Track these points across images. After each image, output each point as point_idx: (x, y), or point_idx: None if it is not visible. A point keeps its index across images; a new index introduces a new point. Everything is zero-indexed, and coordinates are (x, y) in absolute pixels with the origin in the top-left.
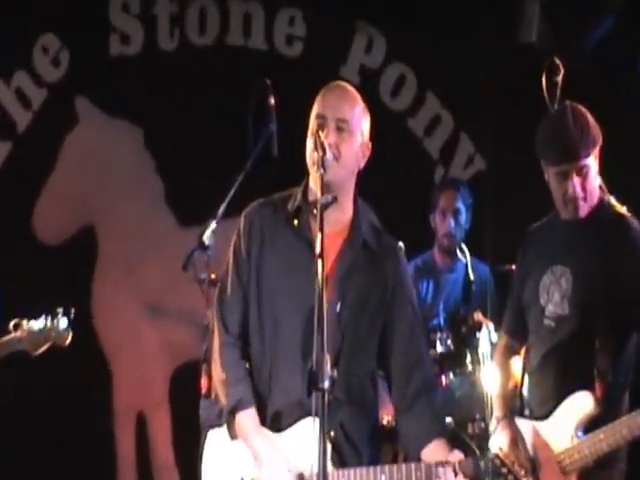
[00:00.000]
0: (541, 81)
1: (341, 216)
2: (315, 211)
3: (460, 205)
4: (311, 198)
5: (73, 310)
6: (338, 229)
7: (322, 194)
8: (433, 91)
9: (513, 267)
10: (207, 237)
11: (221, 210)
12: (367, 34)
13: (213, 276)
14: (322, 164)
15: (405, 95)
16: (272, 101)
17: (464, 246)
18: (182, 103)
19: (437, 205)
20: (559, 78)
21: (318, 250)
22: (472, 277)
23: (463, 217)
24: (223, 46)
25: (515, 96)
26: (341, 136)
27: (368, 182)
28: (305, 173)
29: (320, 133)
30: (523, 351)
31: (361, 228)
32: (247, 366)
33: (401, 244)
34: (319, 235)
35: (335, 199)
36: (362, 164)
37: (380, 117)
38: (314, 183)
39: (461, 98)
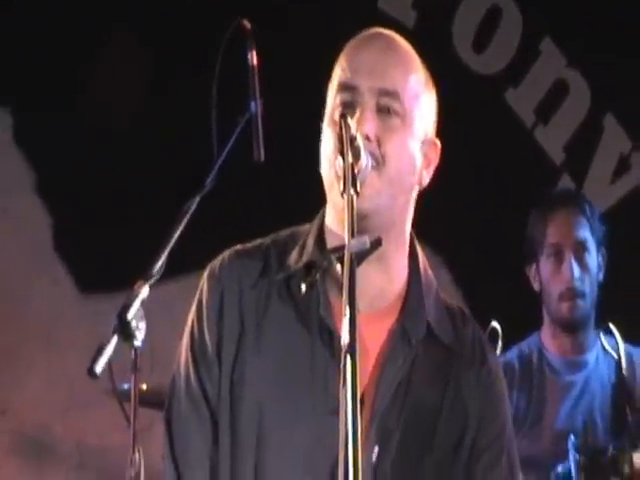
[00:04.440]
0: None
1: (387, 282)
2: (339, 268)
3: (587, 235)
4: (331, 243)
5: None
6: (380, 308)
7: (352, 235)
8: (554, 37)
9: None
10: (134, 314)
11: (159, 264)
12: None
13: (144, 387)
14: (353, 179)
15: (502, 46)
16: (254, 60)
17: (612, 325)
18: (75, 72)
19: (543, 242)
20: None
21: (346, 339)
22: (629, 385)
23: (594, 259)
24: None
25: None
26: (387, 123)
27: (434, 213)
28: (319, 198)
29: (347, 118)
30: None
31: (423, 306)
32: None
33: (495, 325)
34: (347, 313)
35: (378, 244)
36: (425, 180)
37: (456, 88)
38: (336, 216)
39: (609, 46)
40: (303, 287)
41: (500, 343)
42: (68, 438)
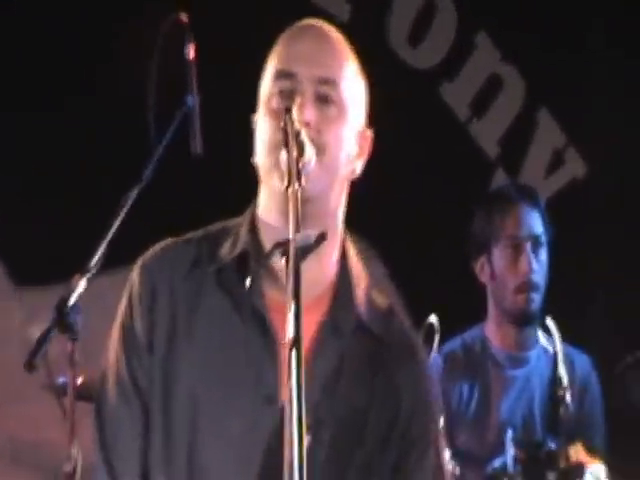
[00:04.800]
0: None
1: (319, 271)
2: (277, 260)
3: (542, 230)
4: (267, 236)
5: None
6: (311, 298)
7: (297, 228)
8: (488, 31)
9: None
10: (72, 307)
11: (96, 258)
12: None
13: (81, 380)
14: (297, 172)
15: (437, 40)
16: (192, 53)
17: (550, 321)
18: (18, 63)
19: (499, 234)
20: None
21: (291, 333)
22: (565, 380)
23: (546, 255)
24: None
25: None
26: (325, 112)
27: (369, 206)
28: (255, 191)
29: (292, 112)
30: None
31: (353, 297)
32: None
33: (433, 319)
34: (292, 306)
35: (322, 238)
36: (358, 171)
37: (391, 82)
38: (273, 203)
39: (540, 41)
40: (248, 282)
41: (437, 338)
42: (2, 433)
